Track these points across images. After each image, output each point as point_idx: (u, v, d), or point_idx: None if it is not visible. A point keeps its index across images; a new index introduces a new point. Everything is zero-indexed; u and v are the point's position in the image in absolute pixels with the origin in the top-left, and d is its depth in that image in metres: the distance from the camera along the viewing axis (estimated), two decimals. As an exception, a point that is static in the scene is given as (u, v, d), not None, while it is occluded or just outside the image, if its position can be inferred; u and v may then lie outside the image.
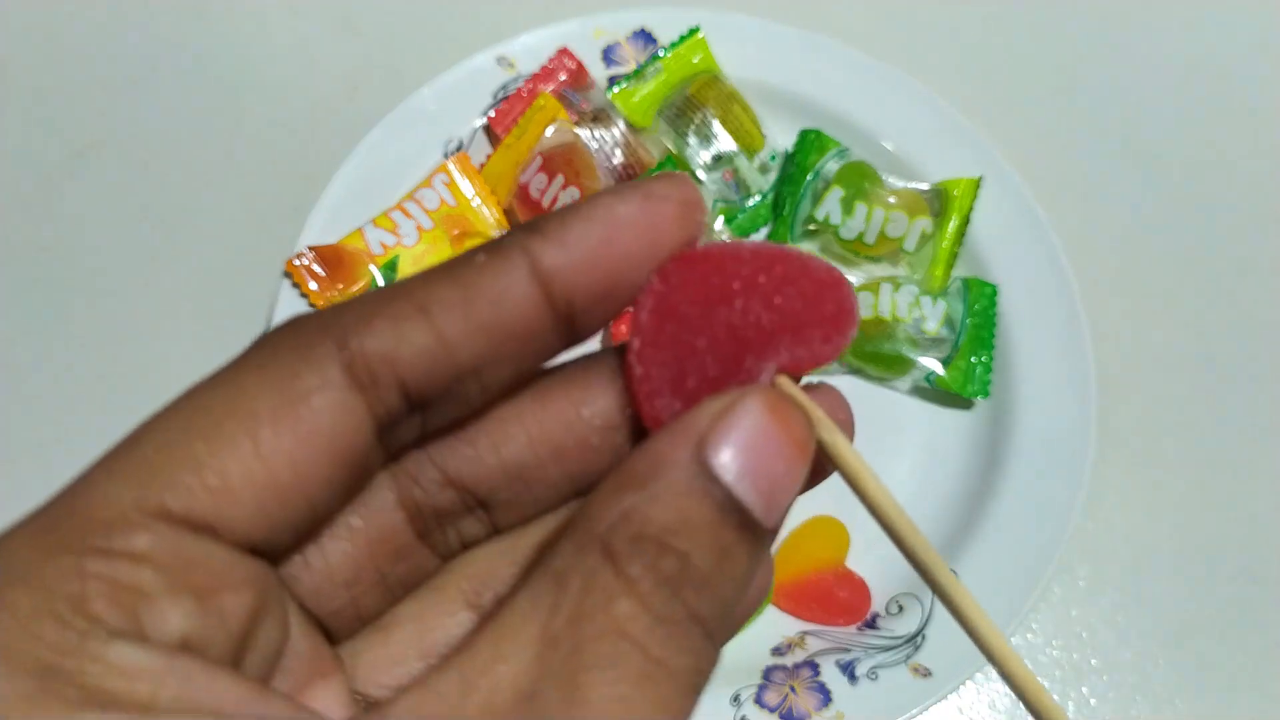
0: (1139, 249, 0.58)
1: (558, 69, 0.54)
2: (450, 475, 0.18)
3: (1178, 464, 0.53)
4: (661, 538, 0.15)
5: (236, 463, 0.15)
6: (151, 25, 0.61)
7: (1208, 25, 0.65)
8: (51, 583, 0.13)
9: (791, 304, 0.18)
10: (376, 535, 0.18)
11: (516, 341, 0.17)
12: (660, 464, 0.15)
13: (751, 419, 0.16)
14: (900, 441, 0.51)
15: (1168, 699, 0.48)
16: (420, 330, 0.16)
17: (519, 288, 0.16)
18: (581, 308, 0.17)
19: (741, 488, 0.15)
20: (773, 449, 0.16)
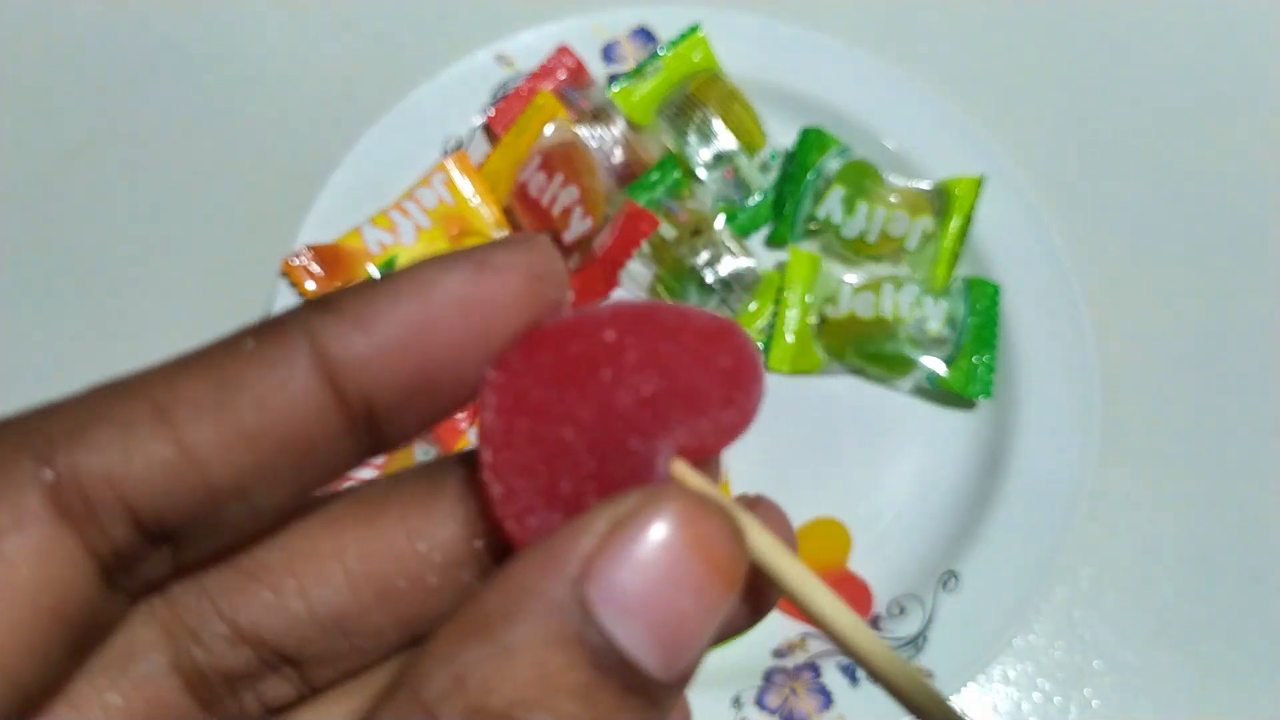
0: (1142, 248, 0.58)
1: (557, 67, 0.54)
2: (243, 629, 0.13)
3: (1181, 464, 0.52)
4: (511, 713, 0.11)
5: None
6: (147, 24, 0.61)
7: (1211, 24, 0.65)
8: None
9: (676, 366, 0.13)
10: (144, 713, 0.13)
11: (293, 454, 0.13)
12: (520, 600, 0.11)
13: (656, 535, 0.11)
14: (902, 442, 0.50)
15: (1171, 700, 0.48)
16: (156, 441, 0.12)
17: (297, 383, 0.12)
18: (386, 409, 0.13)
19: (630, 634, 0.11)
20: (683, 579, 0.11)
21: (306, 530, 0.14)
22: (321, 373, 0.12)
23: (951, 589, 0.46)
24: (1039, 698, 0.48)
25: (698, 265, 0.50)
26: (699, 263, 0.50)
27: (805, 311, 0.51)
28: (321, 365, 0.13)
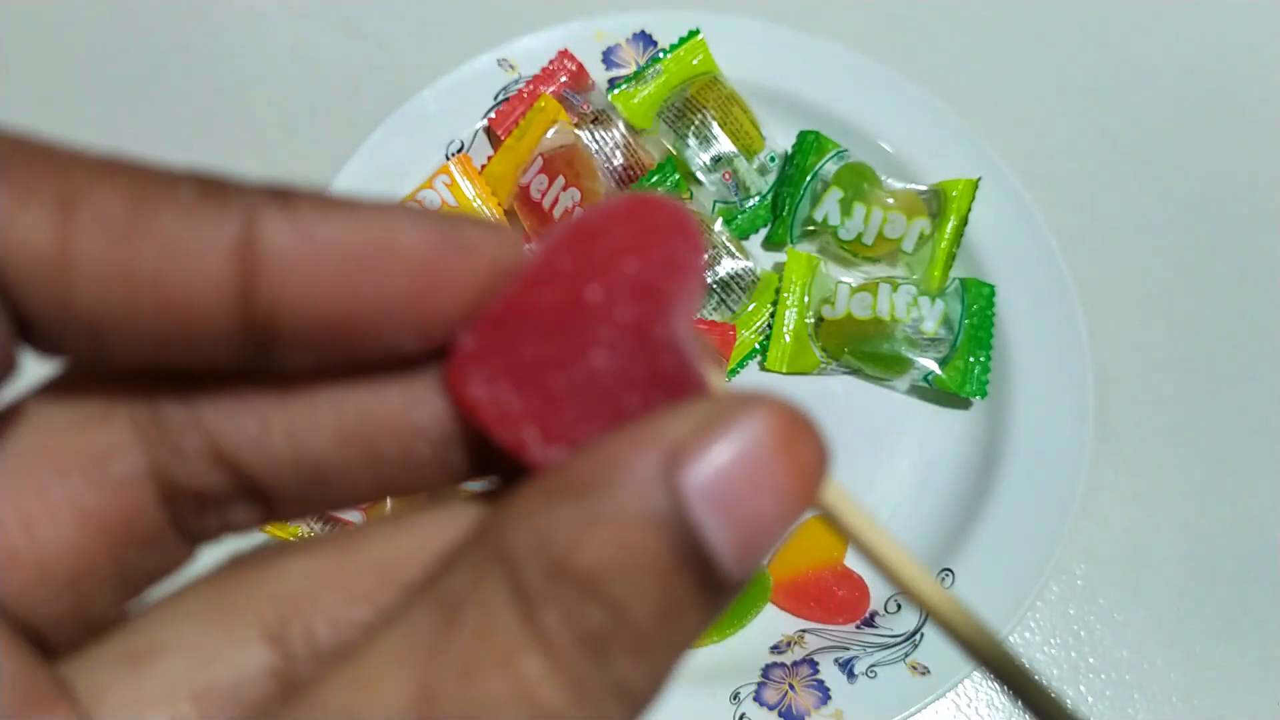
0: (1136, 249, 0.59)
1: (558, 70, 0.54)
2: (224, 451, 0.13)
3: (1175, 463, 0.53)
4: (592, 577, 0.11)
5: None
6: (152, 27, 0.62)
7: (1205, 26, 0.66)
8: None
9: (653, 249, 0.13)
10: (117, 515, 0.13)
11: (170, 321, 0.11)
12: (612, 470, 0.11)
13: (752, 436, 0.11)
14: (898, 441, 0.51)
15: (1165, 697, 0.48)
16: (41, 228, 0.10)
17: (214, 257, 0.11)
18: (288, 331, 0.12)
19: (715, 527, 0.11)
20: (770, 482, 0.11)
21: (305, 378, 0.13)
22: (241, 257, 0.11)
23: (947, 586, 0.46)
24: (1034, 693, 0.48)
25: (697, 266, 0.50)
26: (698, 264, 0.50)
27: (803, 312, 0.52)
28: (244, 253, 0.11)
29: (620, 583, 0.11)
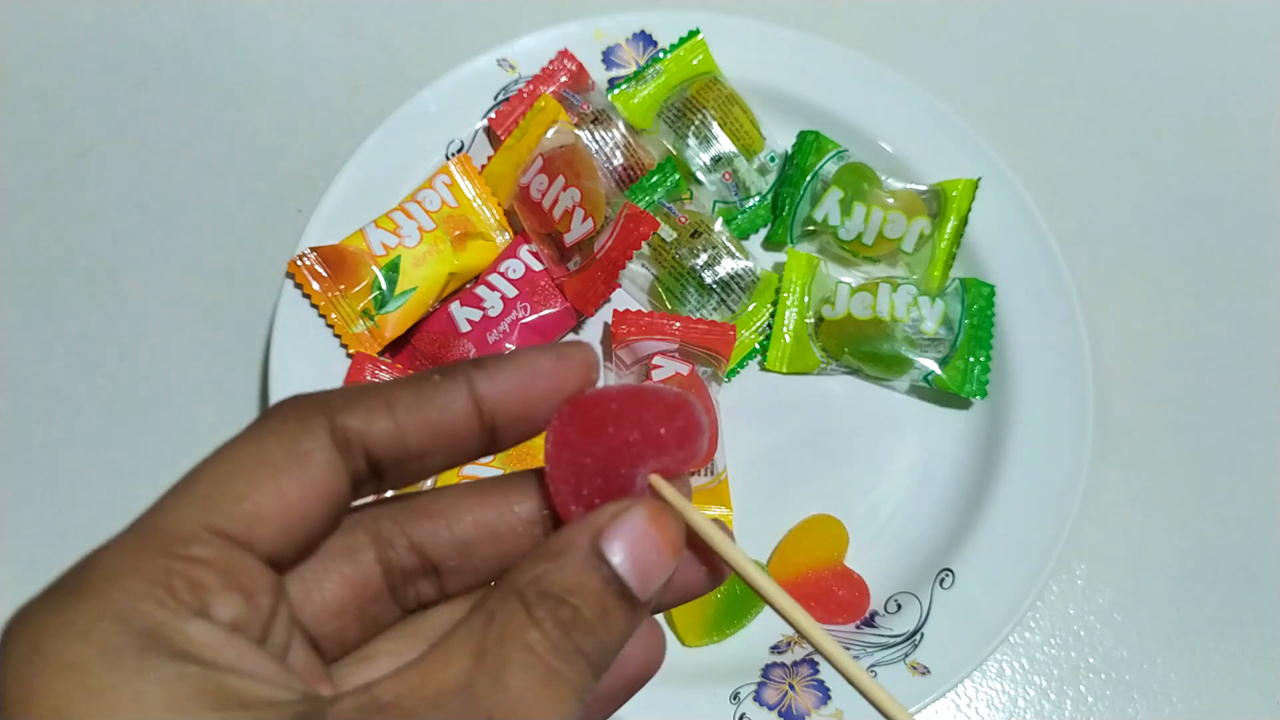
0: (1136, 249, 0.59)
1: (558, 70, 0.54)
2: (415, 542, 0.23)
3: (1174, 463, 0.53)
4: (561, 595, 0.20)
5: (265, 498, 0.20)
6: (154, 27, 0.62)
7: (1204, 26, 0.66)
8: (150, 576, 0.18)
9: (649, 427, 0.23)
10: (360, 581, 0.23)
11: (450, 440, 0.22)
12: (567, 546, 0.21)
13: (636, 522, 0.21)
14: (898, 441, 0.51)
15: (1164, 696, 0.48)
16: (384, 419, 0.22)
17: (459, 403, 0.22)
18: (501, 426, 0.23)
19: (624, 570, 0.21)
20: (650, 545, 0.21)
21: (455, 493, 0.24)
22: (472, 400, 0.22)
23: (947, 586, 0.46)
24: (1034, 693, 0.48)
25: (697, 266, 0.50)
26: (698, 264, 0.50)
27: (803, 312, 0.52)
28: (472, 396, 0.22)
29: (575, 596, 0.20)
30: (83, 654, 0.17)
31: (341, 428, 0.21)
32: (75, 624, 0.17)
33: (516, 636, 0.20)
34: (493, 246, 0.52)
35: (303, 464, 0.21)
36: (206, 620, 0.19)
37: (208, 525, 0.19)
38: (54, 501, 0.50)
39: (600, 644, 0.20)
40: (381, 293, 0.49)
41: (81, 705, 0.16)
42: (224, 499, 0.20)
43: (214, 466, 0.21)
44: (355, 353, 0.48)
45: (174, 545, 0.19)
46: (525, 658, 0.19)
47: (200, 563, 0.19)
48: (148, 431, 0.51)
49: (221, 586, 0.19)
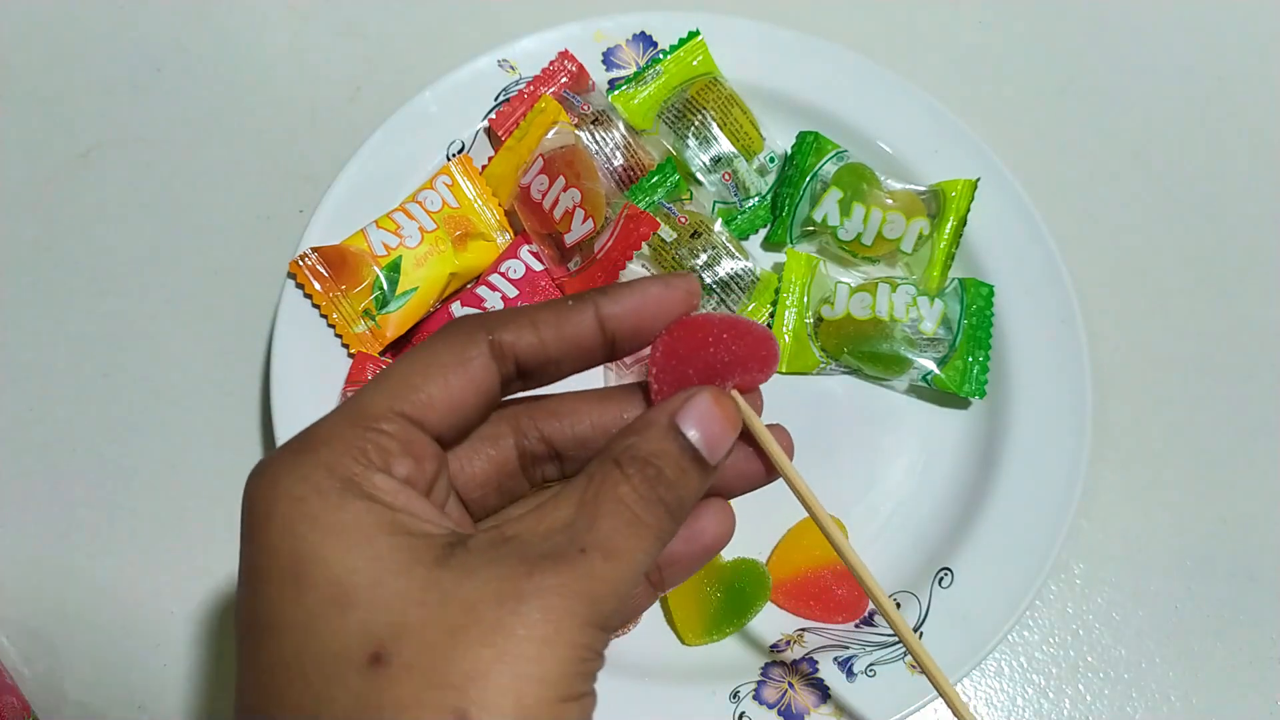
0: (1134, 249, 0.59)
1: (559, 71, 0.55)
2: (544, 434, 0.30)
3: (1173, 462, 0.53)
4: (646, 458, 0.26)
5: (436, 390, 0.26)
6: (156, 28, 0.62)
7: (1203, 26, 0.66)
8: (350, 441, 0.25)
9: (740, 350, 0.29)
10: (501, 460, 0.30)
11: (580, 351, 0.28)
12: (651, 422, 0.27)
13: (703, 402, 0.27)
14: (897, 441, 0.51)
15: (1163, 695, 0.48)
16: (530, 333, 0.27)
17: (588, 321, 0.28)
18: (620, 340, 0.28)
19: (694, 438, 0.27)
20: (714, 419, 0.27)
21: (579, 399, 0.30)
22: (597, 319, 0.28)
23: (946, 585, 0.46)
24: (1032, 692, 0.48)
25: (697, 267, 0.50)
26: (698, 264, 0.50)
27: (802, 312, 0.52)
28: (598, 316, 0.28)
29: (657, 458, 0.26)
30: (303, 490, 0.24)
31: (497, 340, 0.27)
32: (298, 470, 0.24)
33: (610, 490, 0.25)
34: (493, 247, 0.52)
35: (466, 366, 0.27)
36: (388, 475, 0.25)
37: (393, 408, 0.26)
38: (54, 501, 0.50)
39: (678, 497, 0.26)
40: (383, 293, 0.49)
41: (300, 523, 0.24)
42: (406, 389, 0.26)
43: (401, 365, 0.27)
44: (357, 353, 0.48)
45: (368, 420, 0.25)
46: (615, 506, 0.25)
47: (385, 434, 0.25)
48: (148, 431, 0.51)
49: (400, 452, 0.25)
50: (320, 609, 0.23)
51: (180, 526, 0.49)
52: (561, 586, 0.23)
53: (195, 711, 0.46)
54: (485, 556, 0.24)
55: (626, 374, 0.50)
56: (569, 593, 0.23)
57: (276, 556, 0.23)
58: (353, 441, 0.25)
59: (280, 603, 0.23)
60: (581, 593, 0.23)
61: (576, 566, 0.24)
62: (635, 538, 0.25)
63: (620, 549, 0.25)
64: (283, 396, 0.47)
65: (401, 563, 0.23)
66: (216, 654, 0.47)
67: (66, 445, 0.51)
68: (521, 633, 0.22)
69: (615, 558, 0.24)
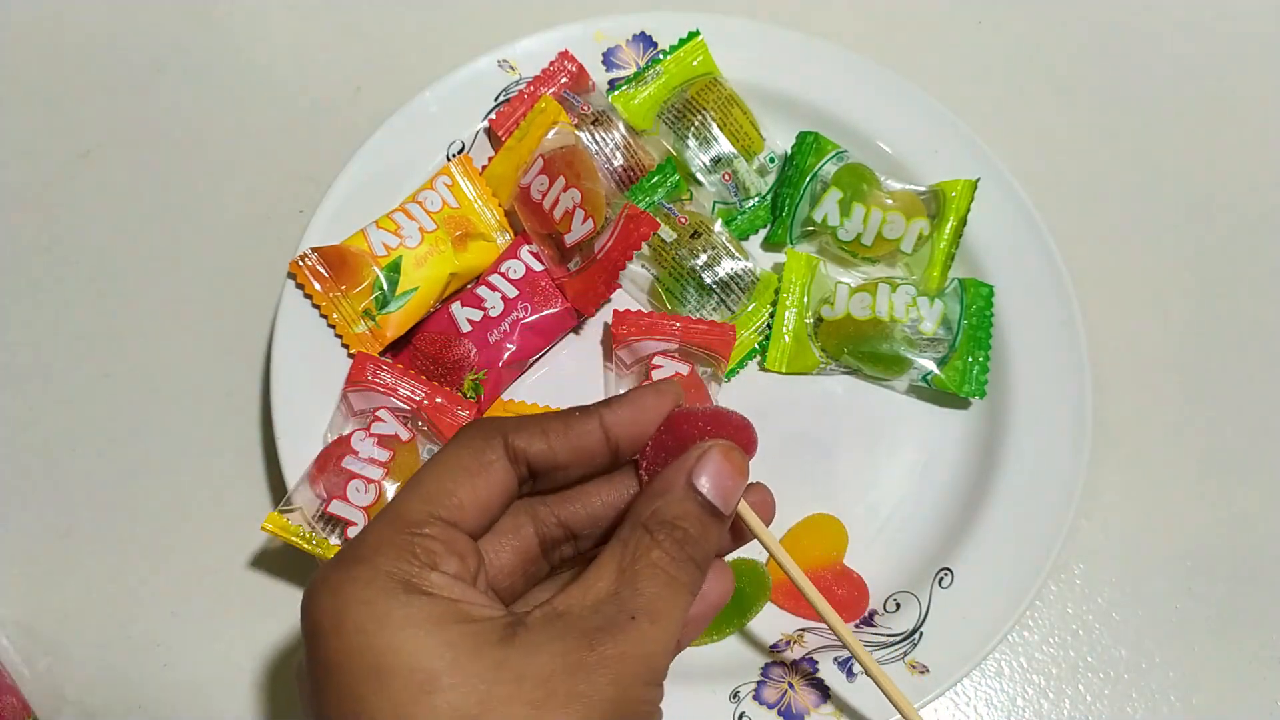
0: (1134, 249, 0.59)
1: (559, 72, 0.55)
2: (561, 519, 0.32)
3: (1172, 463, 0.53)
4: (673, 521, 0.29)
5: (466, 494, 0.29)
6: (156, 28, 0.62)
7: (1203, 26, 0.66)
8: (400, 546, 0.27)
9: (719, 435, 0.31)
10: (524, 549, 0.32)
11: (587, 457, 0.31)
12: (670, 485, 0.30)
13: (715, 457, 0.30)
14: (897, 441, 0.51)
15: (1163, 695, 0.48)
16: (540, 440, 0.30)
17: (594, 430, 0.31)
18: (623, 444, 0.31)
19: (711, 495, 0.30)
20: (725, 473, 0.30)
21: (587, 485, 0.32)
22: (601, 430, 0.31)
23: (946, 585, 0.46)
24: (1032, 692, 0.48)
25: (697, 267, 0.50)
26: (698, 264, 0.51)
27: (802, 312, 0.52)
28: (602, 427, 0.31)
29: (682, 520, 0.29)
30: (369, 594, 0.26)
31: (513, 446, 0.30)
32: (359, 578, 0.26)
33: (645, 555, 0.28)
34: (493, 247, 0.52)
35: (488, 470, 0.30)
36: (438, 572, 0.27)
37: (431, 513, 0.28)
38: (54, 501, 0.50)
39: (704, 552, 0.29)
40: (383, 293, 0.49)
41: (372, 623, 0.26)
42: (439, 494, 0.29)
43: (430, 471, 0.29)
44: (357, 353, 0.48)
45: (411, 526, 0.28)
46: (652, 571, 0.28)
47: (429, 537, 0.28)
48: (148, 431, 0.51)
49: (445, 551, 0.28)
50: (408, 695, 0.25)
51: (180, 526, 0.49)
52: (622, 655, 0.26)
53: (195, 711, 0.46)
54: (546, 634, 0.26)
55: (626, 374, 0.50)
56: (630, 658, 0.26)
57: (356, 655, 0.25)
58: (402, 547, 0.27)
59: (366, 696, 0.25)
60: (639, 656, 0.27)
61: (630, 633, 0.27)
62: (674, 596, 0.28)
63: (663, 610, 0.28)
64: (283, 396, 0.47)
65: (472, 646, 0.26)
66: (216, 654, 0.47)
67: (66, 445, 0.51)
68: (596, 698, 0.25)
69: (660, 619, 0.27)
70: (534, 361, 0.51)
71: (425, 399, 0.47)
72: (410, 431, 0.46)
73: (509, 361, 0.49)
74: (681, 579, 0.28)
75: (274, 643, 0.47)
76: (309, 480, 0.45)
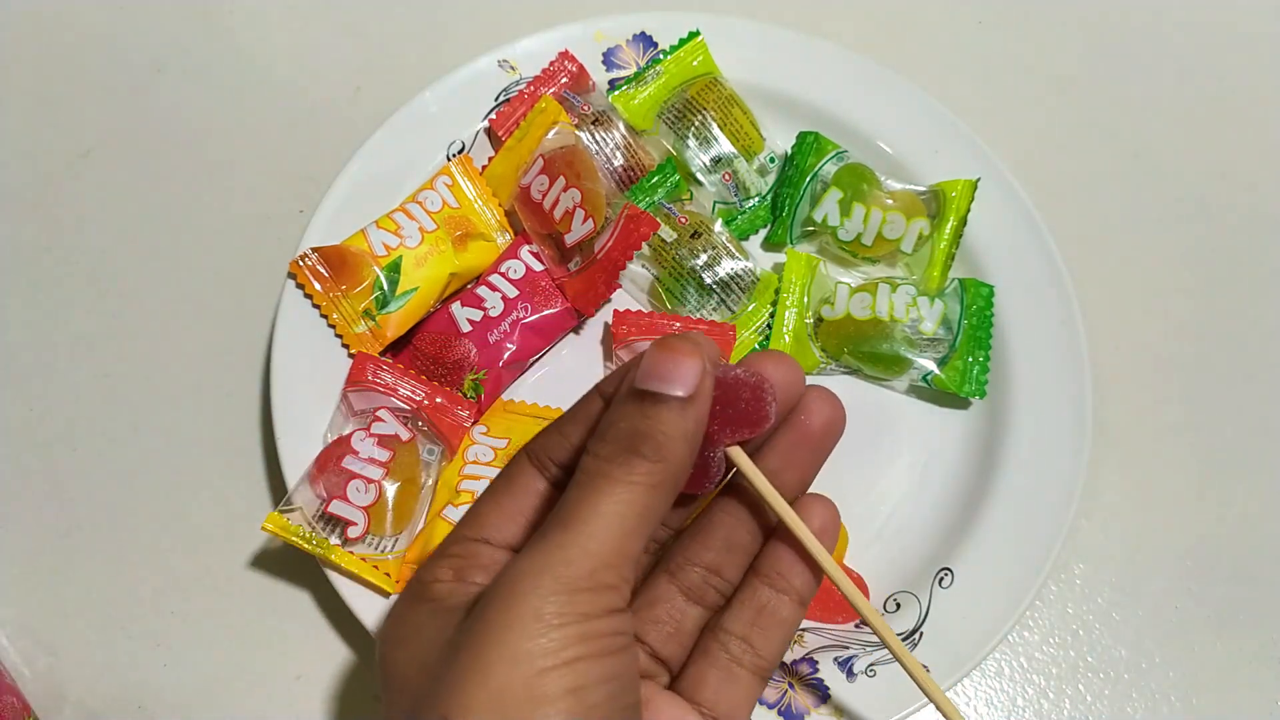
0: (1134, 249, 0.59)
1: (559, 72, 0.55)
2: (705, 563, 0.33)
3: (1172, 463, 0.53)
4: (605, 425, 0.29)
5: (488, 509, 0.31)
6: (156, 28, 0.62)
7: (1203, 26, 0.66)
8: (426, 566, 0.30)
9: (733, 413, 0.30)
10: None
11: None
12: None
13: (647, 353, 0.29)
14: (897, 441, 0.51)
15: (1163, 695, 0.48)
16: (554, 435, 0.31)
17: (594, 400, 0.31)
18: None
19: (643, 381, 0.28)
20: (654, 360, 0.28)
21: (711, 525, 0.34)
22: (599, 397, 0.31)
23: (946, 585, 0.46)
24: (1032, 692, 0.48)
25: (697, 267, 0.50)
26: (698, 264, 0.51)
27: (802, 312, 0.52)
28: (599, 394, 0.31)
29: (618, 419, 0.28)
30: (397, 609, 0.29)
31: (531, 452, 0.31)
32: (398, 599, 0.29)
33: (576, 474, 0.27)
34: (494, 247, 0.52)
35: (509, 482, 0.30)
36: (440, 583, 0.28)
37: (459, 534, 0.30)
38: (54, 501, 0.50)
39: (653, 440, 0.27)
40: (383, 293, 0.49)
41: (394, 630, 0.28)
42: (468, 517, 0.30)
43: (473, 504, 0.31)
44: (357, 353, 0.48)
45: (440, 549, 0.30)
46: (577, 480, 0.27)
47: (452, 555, 0.29)
48: (148, 431, 0.51)
49: (467, 563, 0.29)
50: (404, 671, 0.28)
51: (180, 526, 0.49)
52: (517, 578, 0.25)
53: (195, 711, 0.46)
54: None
55: (626, 374, 0.50)
56: (530, 570, 0.25)
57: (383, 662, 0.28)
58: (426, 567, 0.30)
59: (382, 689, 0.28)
60: (540, 569, 0.25)
61: (533, 549, 0.26)
62: (599, 494, 0.26)
63: (579, 516, 0.26)
64: (283, 396, 0.47)
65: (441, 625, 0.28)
66: (216, 654, 0.47)
67: (66, 445, 0.51)
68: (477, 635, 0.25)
69: (575, 523, 0.26)
70: (534, 361, 0.51)
71: (425, 399, 0.47)
72: (410, 431, 0.46)
73: (509, 361, 0.49)
74: (611, 472, 0.26)
75: (274, 643, 0.47)
76: (309, 480, 0.45)
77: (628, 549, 0.26)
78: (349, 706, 0.46)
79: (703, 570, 0.33)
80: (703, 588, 0.33)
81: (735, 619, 0.32)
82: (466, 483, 0.46)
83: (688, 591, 0.33)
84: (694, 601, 0.33)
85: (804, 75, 0.56)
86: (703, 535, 0.33)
